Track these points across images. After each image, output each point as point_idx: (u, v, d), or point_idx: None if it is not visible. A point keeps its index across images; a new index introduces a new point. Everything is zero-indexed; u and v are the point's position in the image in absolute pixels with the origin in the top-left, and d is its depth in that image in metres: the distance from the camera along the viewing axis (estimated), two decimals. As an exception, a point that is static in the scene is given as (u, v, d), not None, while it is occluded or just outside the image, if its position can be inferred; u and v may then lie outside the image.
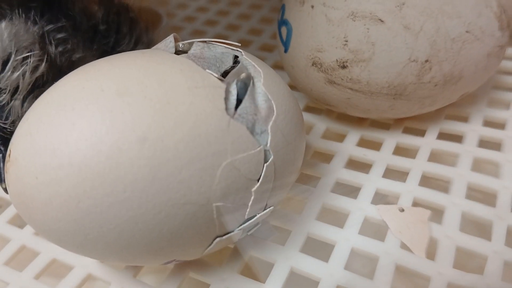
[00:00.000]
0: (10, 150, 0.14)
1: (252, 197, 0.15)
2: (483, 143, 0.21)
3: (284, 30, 0.21)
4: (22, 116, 0.16)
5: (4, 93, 0.17)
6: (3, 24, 0.17)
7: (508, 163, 0.20)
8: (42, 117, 0.14)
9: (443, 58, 0.19)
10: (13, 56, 0.17)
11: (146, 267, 0.19)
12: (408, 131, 0.23)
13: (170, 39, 0.17)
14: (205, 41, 0.17)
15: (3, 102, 0.17)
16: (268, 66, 0.17)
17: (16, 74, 0.17)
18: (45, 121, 0.14)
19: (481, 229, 0.18)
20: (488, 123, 0.22)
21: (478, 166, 0.20)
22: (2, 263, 0.19)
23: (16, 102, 0.17)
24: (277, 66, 0.29)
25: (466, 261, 0.17)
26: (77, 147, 0.13)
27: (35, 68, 0.18)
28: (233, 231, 0.16)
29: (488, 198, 0.19)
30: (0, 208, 0.21)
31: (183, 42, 0.17)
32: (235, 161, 0.14)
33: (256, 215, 0.16)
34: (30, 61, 0.17)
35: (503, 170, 0.20)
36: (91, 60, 0.16)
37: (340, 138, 0.23)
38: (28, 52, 0.17)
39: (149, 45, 0.20)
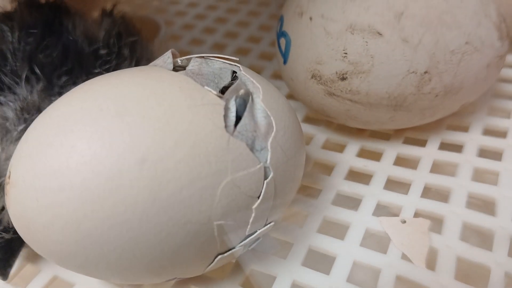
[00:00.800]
0: (10, 172, 0.14)
1: (253, 214, 0.15)
2: (484, 153, 0.21)
3: (283, 41, 0.21)
4: None
5: None
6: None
7: (508, 172, 0.20)
8: (41, 139, 0.14)
9: (443, 69, 0.19)
10: None
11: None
12: (408, 141, 0.23)
13: (168, 55, 0.17)
14: (203, 57, 0.17)
15: None
16: (266, 81, 0.17)
17: None
18: (44, 143, 0.14)
19: (483, 239, 0.18)
20: (488, 132, 0.22)
21: (479, 175, 0.20)
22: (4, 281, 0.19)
23: None
24: (277, 76, 0.29)
25: (468, 271, 0.17)
26: (77, 170, 0.13)
27: None
28: (234, 248, 0.16)
29: (489, 207, 0.19)
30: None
31: (181, 58, 0.17)
32: (236, 179, 0.14)
33: (257, 231, 0.16)
34: None
35: (503, 179, 0.20)
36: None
37: (341, 148, 0.23)
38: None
39: (149, 62, 0.20)
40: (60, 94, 0.17)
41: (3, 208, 0.17)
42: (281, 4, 0.23)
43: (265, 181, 0.15)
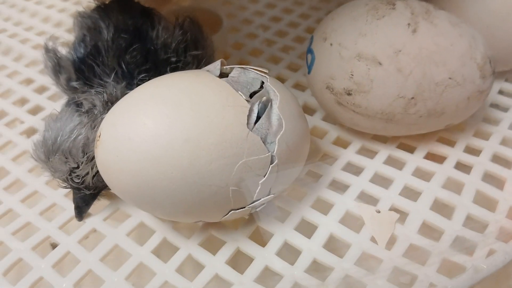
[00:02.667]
0: (100, 132, 0.21)
1: (259, 187, 0.21)
2: (459, 166, 0.26)
3: (309, 56, 0.27)
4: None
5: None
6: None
7: (472, 185, 0.25)
8: (123, 113, 0.21)
9: (427, 97, 0.24)
10: None
11: (182, 223, 0.26)
12: (401, 146, 0.28)
13: (218, 63, 0.23)
14: (242, 67, 0.23)
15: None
16: (287, 90, 0.23)
17: None
18: (124, 117, 0.21)
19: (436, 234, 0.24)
20: (468, 150, 0.27)
21: (449, 183, 0.25)
22: (102, 218, 0.26)
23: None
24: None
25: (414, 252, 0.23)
26: (143, 139, 0.20)
27: None
28: (244, 208, 0.22)
29: (448, 211, 0.24)
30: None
31: (226, 67, 0.23)
32: (249, 161, 0.20)
33: (261, 198, 0.22)
34: None
35: (467, 190, 0.25)
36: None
37: (346, 145, 0.28)
38: None
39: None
40: (138, 85, 0.23)
41: (88, 173, 0.24)
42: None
43: (271, 165, 0.21)
